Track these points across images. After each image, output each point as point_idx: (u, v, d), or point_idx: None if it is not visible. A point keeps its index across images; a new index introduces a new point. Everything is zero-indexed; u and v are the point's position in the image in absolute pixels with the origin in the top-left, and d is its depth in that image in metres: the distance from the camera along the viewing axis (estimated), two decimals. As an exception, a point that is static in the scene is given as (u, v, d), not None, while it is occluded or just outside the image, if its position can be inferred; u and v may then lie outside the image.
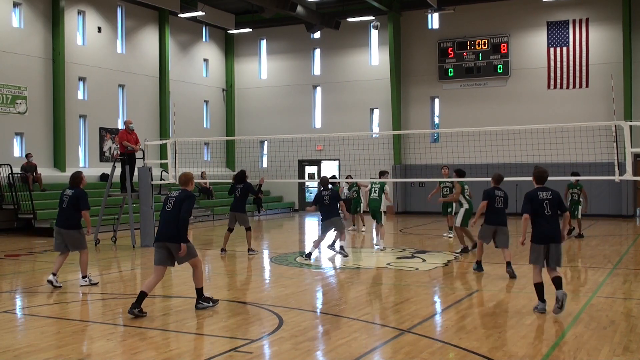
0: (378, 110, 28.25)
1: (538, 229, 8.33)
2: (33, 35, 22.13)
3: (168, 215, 8.38)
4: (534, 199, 8.34)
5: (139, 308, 8.10)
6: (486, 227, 11.23)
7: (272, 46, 30.57)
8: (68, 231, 10.23)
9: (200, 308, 8.55)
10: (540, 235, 8.29)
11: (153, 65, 26.78)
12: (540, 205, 8.31)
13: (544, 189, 8.45)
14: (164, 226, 8.41)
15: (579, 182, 16.93)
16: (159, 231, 8.46)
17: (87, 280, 10.41)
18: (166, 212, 8.43)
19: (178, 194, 8.50)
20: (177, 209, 8.34)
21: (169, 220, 8.35)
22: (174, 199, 8.45)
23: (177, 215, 8.32)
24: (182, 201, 8.37)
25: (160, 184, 18.54)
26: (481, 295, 9.57)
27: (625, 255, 13.98)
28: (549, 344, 6.78)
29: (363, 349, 6.70)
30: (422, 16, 27.27)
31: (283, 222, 24.52)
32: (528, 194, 8.43)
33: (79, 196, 10.21)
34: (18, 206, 19.21)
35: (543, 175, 8.59)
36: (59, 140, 22.58)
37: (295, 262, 13.08)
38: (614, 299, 9.26)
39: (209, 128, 29.89)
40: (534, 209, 8.31)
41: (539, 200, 8.32)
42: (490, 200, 11.10)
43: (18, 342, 7.10)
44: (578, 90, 24.68)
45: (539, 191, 8.40)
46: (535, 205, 8.31)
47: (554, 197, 8.37)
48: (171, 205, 8.41)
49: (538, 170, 8.66)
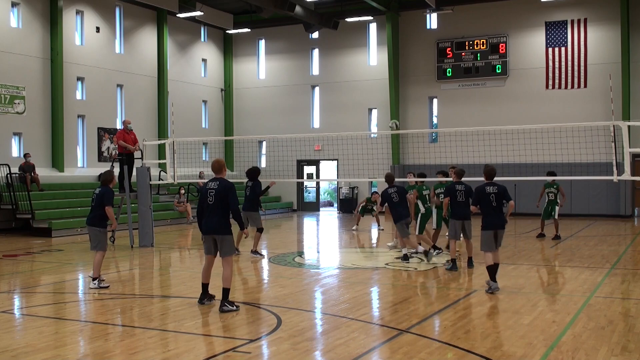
0: (376, 110, 28.26)
1: (487, 218, 9.81)
2: (31, 35, 22.11)
3: (211, 209, 8.55)
4: (481, 193, 9.88)
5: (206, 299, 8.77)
6: (453, 223, 11.69)
7: (271, 46, 30.57)
8: (91, 228, 10.47)
9: (226, 311, 8.39)
10: (489, 223, 9.78)
11: (151, 65, 26.77)
12: (487, 198, 9.80)
13: (491, 184, 9.97)
14: (208, 220, 8.59)
15: (555, 182, 16.71)
16: (205, 225, 8.65)
17: (97, 283, 10.30)
18: (209, 205, 8.57)
19: (217, 186, 8.57)
20: (219, 201, 8.50)
21: (212, 214, 8.53)
22: (214, 192, 8.55)
23: (221, 208, 8.51)
24: (226, 195, 8.50)
25: (158, 184, 18.53)
26: (479, 295, 9.57)
27: (623, 255, 13.99)
28: (547, 344, 6.78)
29: (361, 349, 6.70)
30: (421, 16, 27.28)
31: (281, 222, 24.51)
32: (477, 189, 9.99)
33: (104, 193, 10.46)
34: (16, 206, 19.19)
35: (491, 172, 10.10)
36: (57, 140, 22.56)
37: (293, 262, 13.08)
38: (612, 299, 9.27)
39: (208, 128, 29.88)
40: (483, 201, 9.84)
41: (486, 194, 9.84)
42: (452, 195, 11.61)
43: (16, 342, 7.09)
44: (576, 91, 24.70)
45: (487, 186, 9.93)
46: (483, 198, 9.83)
47: (499, 190, 9.89)
48: (212, 198, 8.53)
49: (488, 169, 10.16)
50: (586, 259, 13.25)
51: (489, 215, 9.79)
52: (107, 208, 10.41)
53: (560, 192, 16.66)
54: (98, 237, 10.43)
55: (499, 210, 9.86)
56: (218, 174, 8.77)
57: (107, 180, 10.65)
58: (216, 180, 8.70)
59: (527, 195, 23.54)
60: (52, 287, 10.79)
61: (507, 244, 16.29)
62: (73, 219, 19.57)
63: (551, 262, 13.33)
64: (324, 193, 33.18)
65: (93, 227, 10.44)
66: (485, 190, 9.85)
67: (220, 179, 8.72)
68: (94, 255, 10.45)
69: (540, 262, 13.42)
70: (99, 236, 10.43)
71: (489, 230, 9.76)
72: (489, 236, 9.74)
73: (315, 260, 13.67)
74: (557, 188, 16.67)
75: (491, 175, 10.08)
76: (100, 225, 10.43)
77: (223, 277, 8.62)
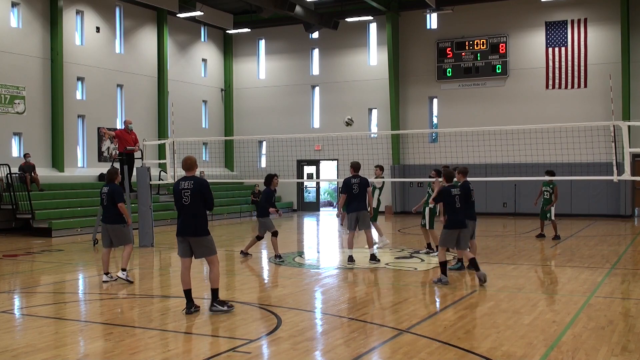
0: (376, 110, 28.26)
1: (451, 217, 10.30)
2: (31, 35, 22.11)
3: (186, 210, 8.25)
4: (447, 194, 10.34)
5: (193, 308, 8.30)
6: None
7: (271, 46, 30.57)
8: (112, 226, 10.59)
9: (214, 311, 8.22)
10: (453, 222, 10.27)
11: (151, 65, 26.77)
12: (452, 199, 10.30)
13: (454, 186, 10.53)
14: (183, 221, 8.30)
15: (552, 182, 16.64)
16: (179, 225, 8.37)
17: (125, 274, 10.58)
18: (184, 206, 8.24)
19: (192, 186, 8.20)
20: (195, 202, 8.19)
21: (188, 215, 8.25)
22: (190, 192, 8.19)
23: (196, 209, 8.20)
24: (202, 193, 8.20)
25: (158, 184, 18.55)
26: (479, 295, 9.57)
27: (623, 255, 13.99)
28: (548, 344, 6.78)
29: (361, 349, 6.70)
30: (421, 16, 27.28)
31: (281, 222, 24.50)
32: (444, 190, 10.44)
33: (113, 191, 10.59)
34: (16, 206, 19.19)
35: (451, 175, 10.65)
36: (57, 140, 22.56)
37: (293, 262, 13.07)
38: (612, 299, 9.27)
39: (208, 128, 29.88)
40: (448, 202, 10.31)
41: (452, 196, 10.33)
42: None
43: (16, 342, 7.09)
44: (576, 91, 24.70)
45: (451, 188, 10.45)
46: (448, 199, 10.30)
47: (463, 192, 10.54)
48: (188, 199, 8.20)
49: (447, 171, 10.76)
50: (586, 259, 13.24)
51: (454, 214, 10.31)
52: (120, 205, 10.56)
53: (554, 192, 16.57)
54: (122, 233, 10.59)
55: (462, 211, 10.43)
56: (189, 172, 8.35)
57: (112, 178, 10.78)
58: (189, 179, 8.29)
59: (527, 195, 23.58)
60: (52, 287, 10.79)
61: (507, 243, 16.30)
62: (73, 219, 19.58)
63: (551, 262, 13.33)
64: (324, 193, 33.19)
65: (113, 225, 10.58)
66: (451, 192, 10.35)
67: (193, 177, 8.32)
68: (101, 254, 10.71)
69: (540, 262, 13.42)
70: (122, 232, 10.59)
71: (452, 229, 10.30)
72: (451, 234, 10.30)
73: (315, 260, 13.65)
74: (553, 187, 16.60)
75: (451, 177, 10.62)
76: (120, 222, 10.58)
77: (210, 277, 8.37)
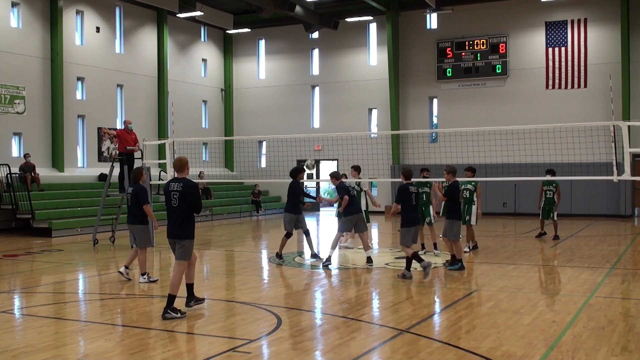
0: (376, 110, 28.25)
1: (408, 215, 10.65)
2: (31, 35, 22.11)
3: (175, 212, 8.07)
4: (405, 192, 10.63)
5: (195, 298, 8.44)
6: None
7: (271, 46, 30.56)
8: (134, 226, 10.66)
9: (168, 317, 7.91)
10: (410, 220, 10.67)
11: (151, 65, 26.77)
12: (409, 197, 10.65)
13: (412, 184, 10.87)
14: (171, 223, 8.12)
15: (555, 181, 16.54)
16: (167, 228, 8.19)
17: (146, 277, 10.62)
18: (172, 208, 8.07)
19: (181, 188, 8.00)
20: (183, 205, 8.01)
21: (176, 217, 8.06)
22: (178, 194, 8.01)
23: (184, 212, 8.02)
24: (186, 196, 7.99)
25: (158, 184, 18.56)
26: (479, 295, 9.57)
27: (623, 255, 13.99)
28: (548, 344, 6.78)
29: (361, 349, 6.70)
30: (421, 16, 27.28)
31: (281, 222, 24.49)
32: (401, 188, 10.71)
33: (138, 192, 10.62)
34: (16, 206, 19.19)
35: (409, 173, 10.97)
36: (57, 140, 22.56)
37: (293, 262, 13.08)
38: (612, 299, 9.27)
39: (208, 128, 29.88)
40: (405, 200, 10.62)
41: (409, 193, 10.66)
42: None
43: (16, 342, 7.08)
44: (576, 91, 24.70)
45: (409, 186, 10.72)
46: (406, 197, 10.63)
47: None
48: (177, 201, 8.01)
49: (406, 169, 11.06)
50: (586, 259, 13.24)
51: (412, 212, 10.75)
52: (145, 207, 10.57)
53: (557, 191, 16.54)
54: (141, 234, 10.62)
55: (417, 208, 11.03)
56: (180, 174, 8.15)
57: (137, 178, 10.80)
58: (179, 180, 8.10)
59: (527, 195, 23.58)
60: (52, 287, 10.79)
61: (507, 243, 16.30)
62: (73, 219, 19.58)
63: (551, 262, 13.32)
64: (324, 193, 33.17)
65: (134, 225, 10.62)
66: (409, 189, 10.69)
67: (183, 179, 8.10)
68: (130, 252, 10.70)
69: (541, 262, 13.42)
70: (142, 233, 10.62)
71: (410, 227, 10.69)
72: (408, 232, 10.69)
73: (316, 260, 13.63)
74: (556, 187, 16.56)
75: (409, 175, 10.95)
76: (142, 223, 10.59)
77: (171, 281, 8.07)
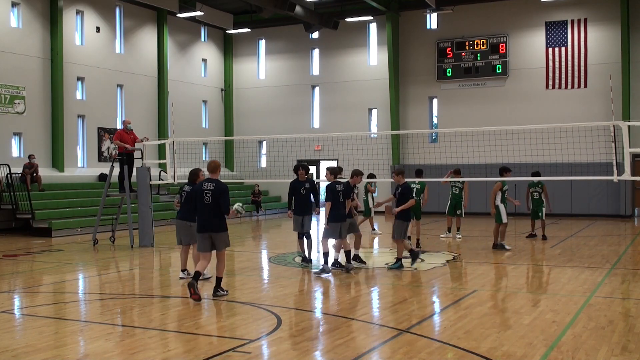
0: (376, 110, 28.25)
1: (335, 212, 11.41)
2: (31, 35, 22.11)
3: (209, 209, 9.14)
4: (333, 190, 11.45)
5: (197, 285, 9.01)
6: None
7: (271, 46, 30.56)
8: (183, 222, 10.92)
9: (218, 295, 9.22)
10: (337, 216, 11.43)
11: (151, 65, 26.77)
12: (337, 195, 11.45)
13: (338, 182, 11.64)
14: (205, 219, 9.18)
15: (540, 182, 16.52)
16: (201, 223, 9.21)
17: (186, 273, 10.92)
18: (206, 205, 9.14)
19: (214, 188, 9.13)
20: (216, 202, 9.09)
21: (210, 213, 9.13)
22: (211, 193, 9.12)
23: (216, 208, 9.11)
24: (219, 196, 9.09)
25: (158, 184, 18.54)
26: (479, 295, 9.57)
27: (623, 255, 13.99)
28: (548, 344, 6.78)
29: (361, 349, 6.70)
30: (421, 16, 27.28)
31: (281, 222, 24.49)
32: (328, 186, 11.51)
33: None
34: (16, 206, 19.19)
35: (336, 170, 11.71)
36: (57, 140, 22.56)
37: (293, 262, 13.07)
38: (612, 299, 9.27)
39: (208, 128, 29.88)
40: (333, 198, 11.40)
41: (336, 191, 11.47)
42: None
43: (16, 342, 7.09)
44: (576, 91, 24.70)
45: (336, 184, 11.54)
46: (334, 195, 11.42)
47: (346, 188, 11.64)
48: (209, 199, 9.11)
49: (333, 168, 11.78)
50: (586, 259, 13.25)
51: (339, 209, 11.46)
52: None
53: (544, 192, 16.55)
54: (189, 231, 10.83)
55: (344, 206, 11.61)
56: (213, 175, 9.32)
57: (194, 178, 11.12)
58: (212, 181, 9.23)
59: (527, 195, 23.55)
60: (52, 287, 10.80)
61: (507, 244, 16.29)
62: (73, 219, 19.58)
63: (551, 262, 13.32)
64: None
65: (184, 221, 10.87)
66: (335, 187, 11.48)
67: (215, 180, 9.25)
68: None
69: (540, 262, 13.42)
70: (190, 230, 10.81)
71: (336, 222, 11.39)
72: (335, 227, 11.40)
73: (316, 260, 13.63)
74: (542, 187, 16.59)
75: (336, 173, 11.65)
76: (192, 220, 10.78)
77: (218, 268, 9.23)
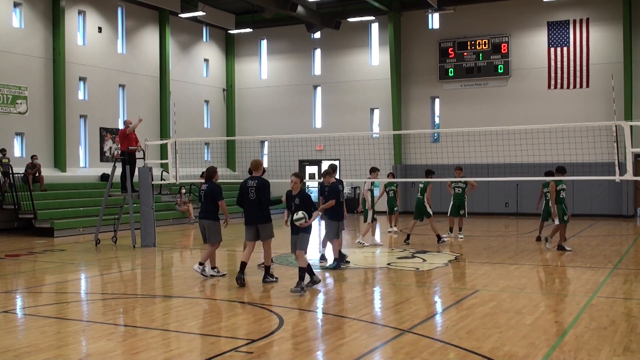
0: (378, 110, 28.25)
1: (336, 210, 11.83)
2: (33, 35, 22.14)
3: (253, 203, 10.24)
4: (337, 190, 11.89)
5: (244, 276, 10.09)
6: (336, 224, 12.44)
7: (273, 46, 30.57)
8: (206, 221, 11.16)
9: (267, 282, 10.43)
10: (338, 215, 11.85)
11: (153, 65, 26.79)
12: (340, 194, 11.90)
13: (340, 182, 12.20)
14: (251, 212, 10.29)
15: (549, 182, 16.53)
16: (248, 216, 10.34)
17: (201, 268, 11.05)
18: (250, 200, 10.23)
19: (256, 184, 10.20)
20: (259, 197, 10.18)
21: (255, 207, 10.23)
22: (254, 189, 10.19)
23: (260, 202, 10.19)
24: (261, 190, 10.18)
25: (160, 184, 18.55)
26: (481, 295, 9.56)
27: (625, 255, 13.98)
28: (550, 344, 6.77)
29: (363, 349, 6.70)
30: (423, 16, 27.28)
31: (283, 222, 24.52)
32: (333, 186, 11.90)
33: (213, 189, 11.22)
34: (18, 206, 19.21)
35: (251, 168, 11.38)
36: (59, 140, 22.59)
37: (295, 262, 13.04)
38: (614, 299, 9.25)
39: (210, 128, 29.90)
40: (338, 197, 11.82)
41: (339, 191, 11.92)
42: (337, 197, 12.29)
43: (18, 342, 7.10)
44: (578, 90, 24.68)
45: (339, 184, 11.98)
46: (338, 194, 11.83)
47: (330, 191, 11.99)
48: (254, 195, 10.19)
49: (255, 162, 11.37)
50: (588, 259, 13.23)
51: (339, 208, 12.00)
52: (221, 203, 11.17)
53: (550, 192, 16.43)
54: (212, 229, 11.07)
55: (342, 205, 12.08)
56: (255, 172, 10.37)
57: (211, 176, 11.33)
58: (254, 178, 10.31)
59: (529, 195, 23.54)
60: (55, 287, 10.80)
61: (509, 243, 16.30)
62: (75, 219, 19.60)
63: (553, 262, 13.31)
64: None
65: (207, 220, 11.09)
66: (339, 187, 11.98)
67: (257, 177, 10.32)
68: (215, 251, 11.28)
69: (543, 262, 13.41)
70: (213, 228, 11.07)
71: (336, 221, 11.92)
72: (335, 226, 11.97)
73: (317, 261, 13.63)
74: None
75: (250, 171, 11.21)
76: (214, 218, 11.10)
77: (265, 257, 10.55)
